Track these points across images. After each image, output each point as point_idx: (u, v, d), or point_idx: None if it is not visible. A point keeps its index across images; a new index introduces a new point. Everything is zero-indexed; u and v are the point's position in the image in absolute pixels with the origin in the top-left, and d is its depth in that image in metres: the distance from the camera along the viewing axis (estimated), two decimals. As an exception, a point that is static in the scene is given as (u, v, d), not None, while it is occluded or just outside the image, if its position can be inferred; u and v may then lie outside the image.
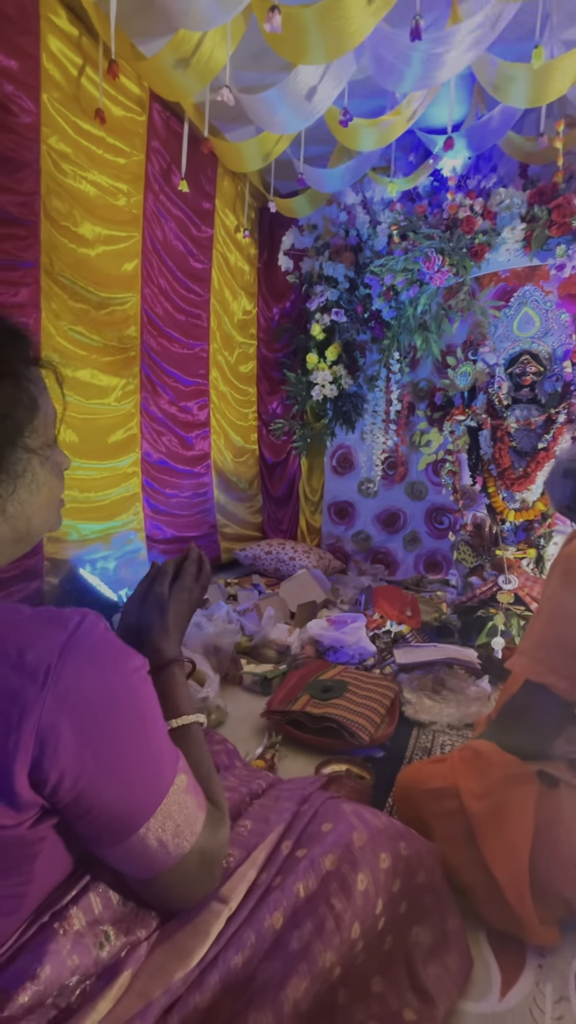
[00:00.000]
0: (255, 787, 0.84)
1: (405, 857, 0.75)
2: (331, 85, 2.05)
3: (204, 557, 0.78)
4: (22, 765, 0.42)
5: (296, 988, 0.57)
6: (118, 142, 2.20)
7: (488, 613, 1.91)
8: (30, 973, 0.46)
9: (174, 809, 0.51)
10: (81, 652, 0.45)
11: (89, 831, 0.48)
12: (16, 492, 0.50)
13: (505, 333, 2.23)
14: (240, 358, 3.37)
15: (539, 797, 0.87)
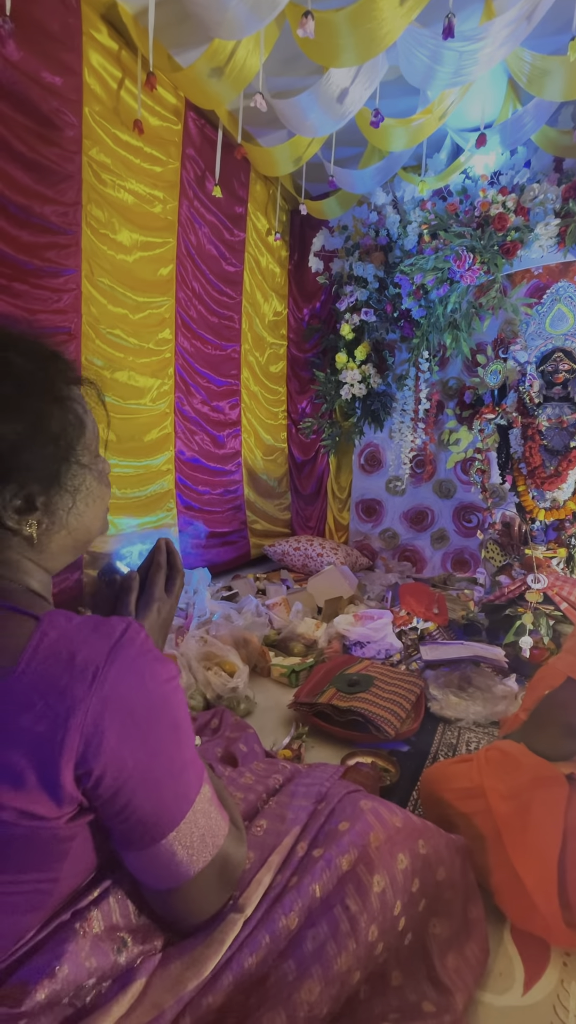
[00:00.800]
0: (272, 783, 0.85)
1: (424, 856, 0.75)
2: (362, 86, 2.07)
3: (174, 552, 0.69)
4: (68, 759, 0.44)
5: (311, 991, 0.57)
6: (155, 151, 2.28)
7: (516, 612, 1.90)
8: (48, 971, 0.47)
9: (200, 818, 0.53)
10: (125, 657, 0.48)
11: (122, 830, 0.50)
12: (75, 506, 0.55)
13: (537, 330, 2.20)
14: (271, 358, 3.43)
15: (568, 800, 0.86)
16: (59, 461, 0.53)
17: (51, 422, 0.52)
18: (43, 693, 0.44)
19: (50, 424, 0.52)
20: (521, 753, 0.94)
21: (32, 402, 0.50)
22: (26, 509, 0.52)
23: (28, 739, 0.44)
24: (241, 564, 3.23)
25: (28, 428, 0.50)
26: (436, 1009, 0.68)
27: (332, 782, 0.84)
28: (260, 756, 1.04)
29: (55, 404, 0.52)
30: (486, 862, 0.89)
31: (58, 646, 0.47)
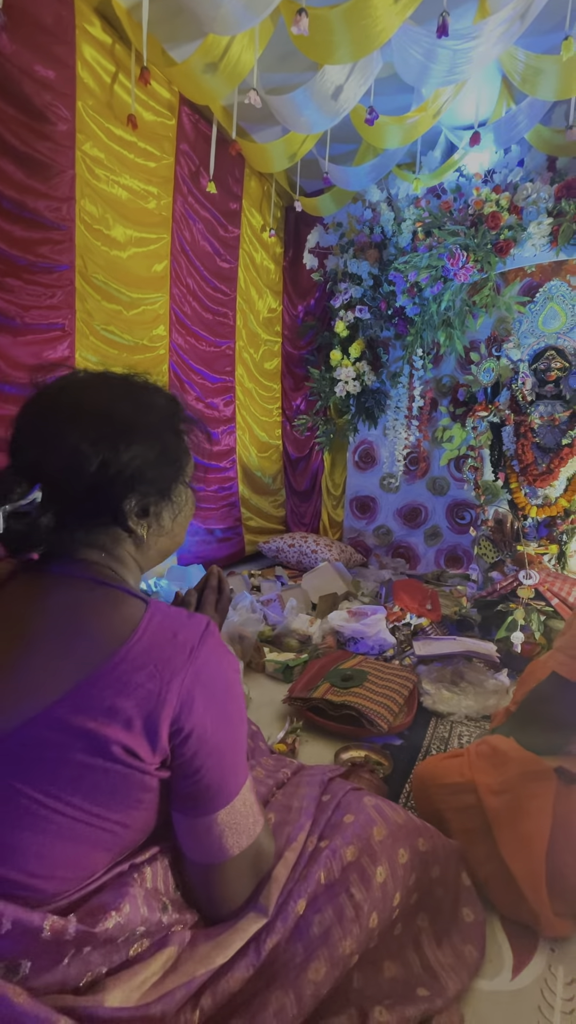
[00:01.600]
0: (280, 776, 0.89)
1: (423, 853, 0.78)
2: (357, 83, 2.07)
3: (223, 579, 0.83)
4: (167, 714, 0.54)
5: (317, 972, 0.61)
6: (149, 146, 2.27)
7: (508, 608, 1.92)
8: (115, 904, 0.54)
9: (247, 803, 0.61)
10: (212, 642, 0.59)
11: (189, 792, 0.58)
12: (178, 516, 0.69)
13: (530, 329, 2.22)
14: (265, 355, 3.43)
15: (557, 794, 0.88)
16: (173, 479, 0.66)
17: (174, 449, 0.66)
18: (153, 658, 0.55)
19: (173, 450, 0.65)
20: (510, 748, 0.96)
21: (164, 433, 0.64)
22: (142, 515, 0.64)
23: (140, 692, 0.53)
24: (236, 561, 3.23)
25: (159, 452, 0.62)
26: (429, 994, 0.71)
27: (334, 772, 0.89)
28: (266, 753, 1.06)
29: (177, 436, 0.67)
30: (477, 855, 0.91)
31: (164, 624, 0.58)
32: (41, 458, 0.57)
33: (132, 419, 0.61)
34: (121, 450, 0.59)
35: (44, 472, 0.57)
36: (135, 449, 0.60)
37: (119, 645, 0.55)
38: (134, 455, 0.60)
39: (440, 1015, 0.70)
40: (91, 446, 0.57)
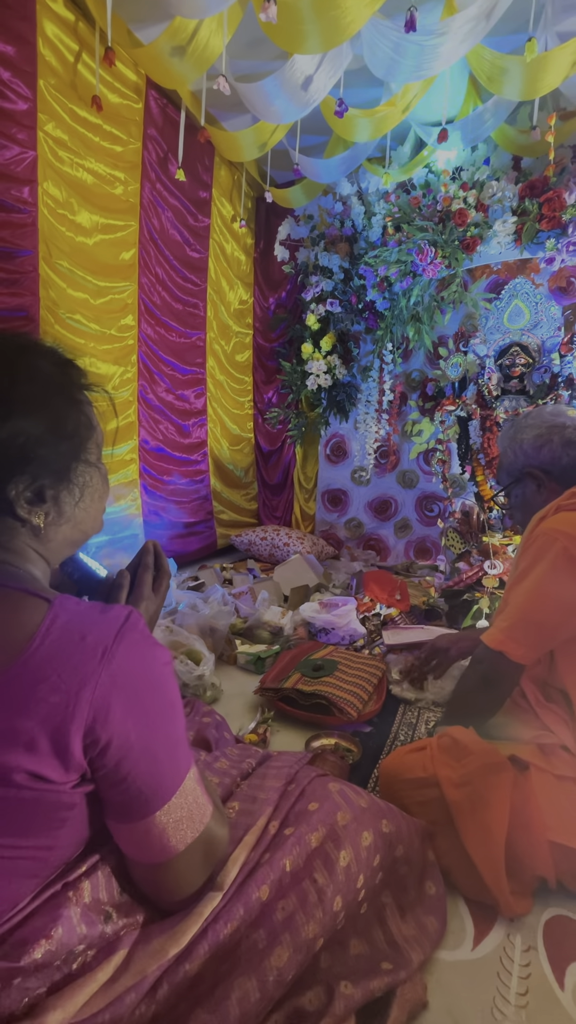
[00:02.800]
0: (245, 767, 0.89)
1: (386, 834, 0.80)
2: (327, 75, 2.07)
3: (161, 554, 0.74)
4: (78, 727, 0.48)
5: (280, 957, 0.61)
6: (115, 129, 2.21)
7: (474, 597, 1.98)
8: (45, 932, 0.51)
9: (189, 796, 0.57)
10: (130, 640, 0.53)
11: (119, 801, 0.54)
12: (81, 500, 0.60)
13: (496, 325, 2.28)
14: (236, 347, 3.40)
15: (513, 782, 0.92)
16: (70, 458, 0.57)
17: (67, 422, 0.57)
18: (57, 667, 0.49)
19: (66, 424, 0.56)
20: (471, 740, 0.99)
21: (52, 403, 0.55)
22: (36, 500, 0.56)
23: (43, 708, 0.47)
24: (208, 554, 3.22)
25: (47, 426, 0.54)
26: (393, 967, 0.73)
27: (300, 765, 0.89)
28: (231, 742, 1.07)
29: (71, 406, 0.57)
30: (440, 846, 0.94)
31: (70, 626, 0.51)
32: None
33: (5, 389, 0.53)
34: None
35: None
36: (14, 424, 0.52)
37: (13, 658, 0.48)
38: (14, 431, 0.52)
39: (404, 985, 0.73)
40: None
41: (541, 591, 0.94)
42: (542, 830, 0.89)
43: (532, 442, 1.08)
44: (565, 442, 1.05)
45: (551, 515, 0.98)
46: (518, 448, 1.10)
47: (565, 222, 2.34)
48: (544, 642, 0.96)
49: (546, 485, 1.07)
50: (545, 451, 1.07)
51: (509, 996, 0.78)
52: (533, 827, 0.89)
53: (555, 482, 1.06)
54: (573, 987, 0.79)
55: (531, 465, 1.09)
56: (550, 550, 0.93)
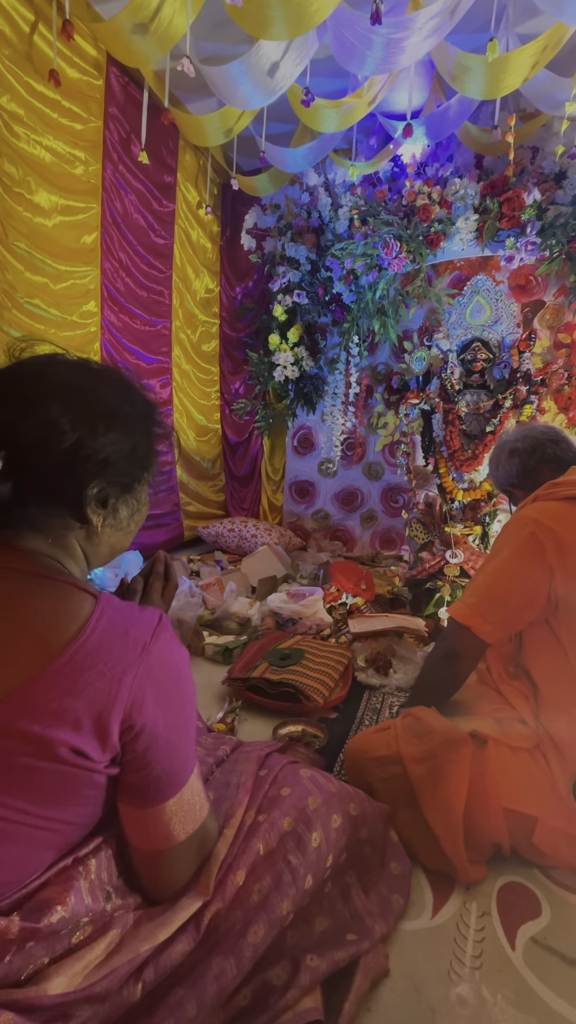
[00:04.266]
0: (220, 754, 0.92)
1: (353, 817, 0.84)
2: (293, 62, 2.05)
3: (171, 564, 0.81)
4: (118, 712, 0.54)
5: (256, 935, 0.65)
6: (74, 106, 2.13)
7: (436, 585, 2.04)
8: (61, 899, 0.55)
9: (194, 790, 0.63)
10: (164, 638, 0.59)
11: (140, 784, 0.58)
12: (135, 514, 0.69)
13: (458, 320, 2.33)
14: (203, 337, 3.36)
15: (473, 757, 0.97)
16: (136, 478, 0.66)
17: (143, 448, 0.65)
18: (104, 657, 0.54)
19: (143, 448, 0.65)
20: (432, 718, 1.04)
21: (140, 429, 0.65)
22: (101, 505, 0.62)
23: (90, 692, 0.52)
24: (174, 546, 3.19)
25: (131, 446, 0.62)
26: (357, 938, 0.76)
27: (271, 748, 0.92)
28: (204, 731, 1.08)
29: (150, 436, 0.67)
30: (403, 819, 0.99)
31: (115, 620, 0.57)
32: (15, 423, 0.55)
33: (116, 407, 0.61)
34: (99, 433, 0.58)
35: (15, 439, 0.55)
36: (112, 436, 0.59)
37: (66, 644, 0.53)
38: (110, 442, 0.59)
39: (367, 955, 0.76)
40: (70, 422, 0.56)
41: (507, 571, 1.00)
42: (498, 799, 0.94)
43: (494, 467, 1.27)
44: (508, 454, 1.20)
45: (530, 504, 1.06)
46: (503, 471, 1.25)
47: (524, 222, 2.41)
48: (508, 622, 1.01)
49: (517, 495, 1.22)
50: (501, 470, 1.23)
51: (465, 959, 0.83)
52: (489, 797, 0.94)
53: (521, 489, 1.20)
54: (523, 947, 0.85)
55: (502, 485, 1.25)
56: (520, 534, 0.99)
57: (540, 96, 2.22)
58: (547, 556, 0.95)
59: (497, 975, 0.80)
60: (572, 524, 0.96)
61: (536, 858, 0.98)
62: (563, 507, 0.99)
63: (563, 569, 0.94)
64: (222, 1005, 0.61)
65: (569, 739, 0.95)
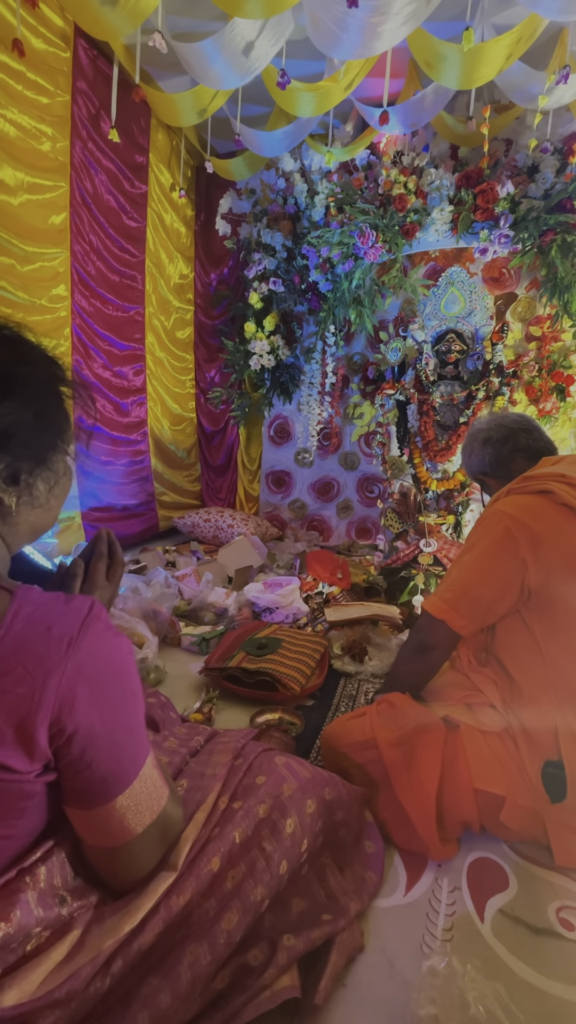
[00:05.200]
0: (194, 744, 0.91)
1: (328, 801, 0.85)
2: (269, 42, 2.01)
3: (115, 542, 0.74)
4: (44, 717, 0.49)
5: (230, 921, 0.65)
6: (40, 79, 2.04)
7: (410, 574, 2.08)
8: (5, 916, 0.52)
9: (147, 780, 0.59)
10: (95, 631, 0.53)
11: (81, 788, 0.55)
12: (56, 487, 0.61)
13: (433, 311, 2.35)
14: (177, 323, 3.30)
15: (445, 741, 1.00)
16: (49, 446, 0.59)
17: (51, 411, 0.58)
18: (22, 659, 0.49)
19: (50, 413, 0.58)
20: (406, 704, 1.07)
21: (42, 391, 0.57)
22: (11, 482, 0.56)
23: (9, 700, 0.48)
24: (149, 537, 3.15)
25: (35, 412, 0.55)
26: (333, 917, 0.78)
27: (247, 740, 0.92)
28: (178, 722, 1.08)
29: (56, 397, 0.59)
30: (378, 801, 1.01)
31: (34, 617, 0.51)
32: None
33: (9, 369, 0.54)
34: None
35: None
36: (10, 404, 0.53)
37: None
38: (8, 411, 0.53)
39: (343, 933, 0.78)
40: None
41: (482, 566, 1.01)
42: (469, 780, 0.97)
43: (467, 456, 1.26)
44: (482, 443, 1.21)
45: (503, 497, 1.07)
46: (476, 459, 1.25)
47: (497, 214, 2.43)
48: (482, 615, 1.04)
49: (490, 484, 1.23)
50: (475, 459, 1.23)
51: (436, 932, 0.86)
52: (460, 778, 0.98)
53: (494, 478, 1.21)
54: (491, 919, 0.89)
55: (475, 473, 1.26)
56: (495, 529, 1.01)
57: (514, 88, 2.23)
58: (520, 550, 0.97)
59: (467, 946, 0.84)
60: (545, 519, 0.98)
61: (503, 834, 1.02)
62: (536, 501, 1.01)
63: (536, 563, 0.96)
64: (197, 993, 0.61)
65: (540, 726, 0.98)
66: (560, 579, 0.96)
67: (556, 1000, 0.76)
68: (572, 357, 2.52)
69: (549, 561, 0.96)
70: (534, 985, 0.78)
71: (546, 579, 0.96)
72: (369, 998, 0.75)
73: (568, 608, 0.97)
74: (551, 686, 0.98)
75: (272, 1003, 0.65)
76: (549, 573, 0.96)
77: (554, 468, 1.06)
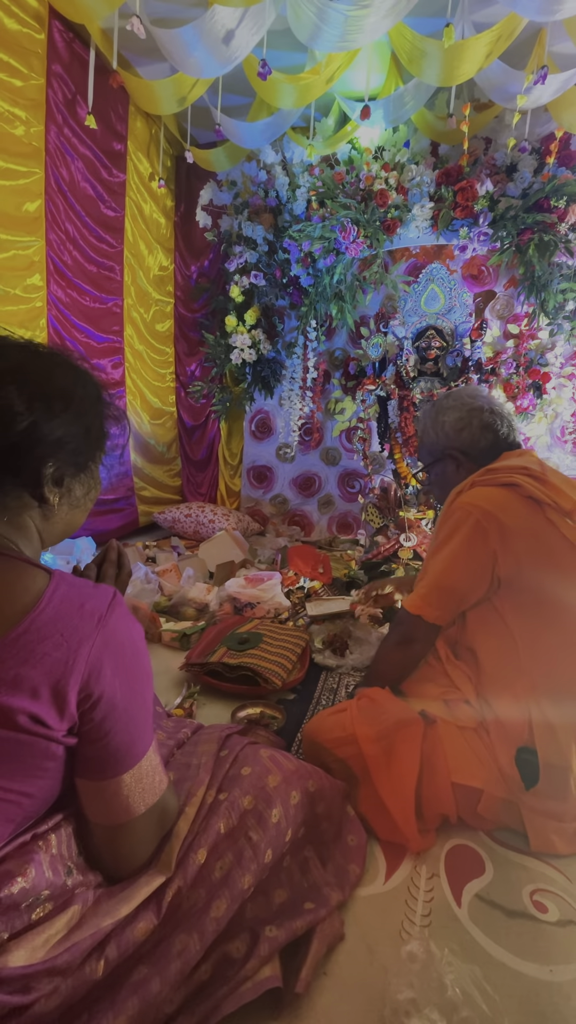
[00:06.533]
0: (181, 736, 0.93)
1: (311, 793, 0.87)
2: (249, 31, 1.99)
3: (124, 553, 0.84)
4: (75, 681, 0.56)
5: (218, 909, 0.67)
6: (13, 60, 1.99)
7: (391, 568, 2.10)
8: (21, 871, 0.57)
9: (151, 763, 0.65)
10: (119, 612, 0.61)
11: (97, 756, 0.61)
12: (90, 492, 0.71)
13: (413, 308, 2.37)
14: (156, 316, 3.25)
15: (423, 735, 1.01)
16: (89, 457, 0.69)
17: (96, 429, 0.68)
18: (60, 628, 0.56)
19: (95, 429, 0.68)
20: (386, 699, 1.08)
21: (93, 410, 0.67)
22: (56, 483, 0.64)
23: (47, 661, 0.55)
24: (129, 532, 3.12)
25: (85, 428, 0.65)
26: (315, 906, 0.79)
27: (232, 729, 0.94)
28: (164, 716, 1.08)
29: (101, 417, 0.70)
30: (358, 796, 1.02)
31: (70, 594, 0.59)
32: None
33: (70, 388, 0.64)
34: (55, 414, 0.61)
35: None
36: (67, 417, 0.62)
37: (22, 615, 0.55)
38: (64, 422, 0.62)
39: (323, 922, 0.79)
40: (26, 404, 0.58)
41: (456, 560, 1.03)
42: (446, 774, 0.99)
43: (453, 424, 1.13)
44: (483, 426, 1.12)
45: (467, 490, 1.07)
46: (439, 430, 1.15)
47: (477, 212, 2.45)
48: (456, 605, 1.06)
49: (464, 465, 1.15)
50: (465, 434, 1.12)
51: (415, 918, 0.87)
52: (438, 772, 0.99)
53: (472, 462, 1.14)
54: (468, 903, 0.91)
55: (451, 447, 1.14)
56: (466, 522, 1.02)
57: (493, 87, 2.25)
58: (491, 543, 0.99)
59: (444, 931, 0.85)
60: (513, 511, 1.00)
61: (479, 824, 1.04)
62: (503, 493, 1.02)
63: (505, 555, 0.98)
64: (184, 981, 0.62)
65: (511, 712, 1.00)
66: (529, 570, 0.98)
67: (531, 980, 0.78)
68: (548, 355, 2.57)
69: (518, 553, 0.98)
70: (509, 967, 0.80)
71: (516, 570, 0.99)
72: (350, 985, 0.76)
73: (538, 597, 0.99)
74: (524, 670, 1.00)
75: (254, 993, 0.66)
76: (519, 564, 0.98)
77: (517, 461, 1.07)
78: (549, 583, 0.98)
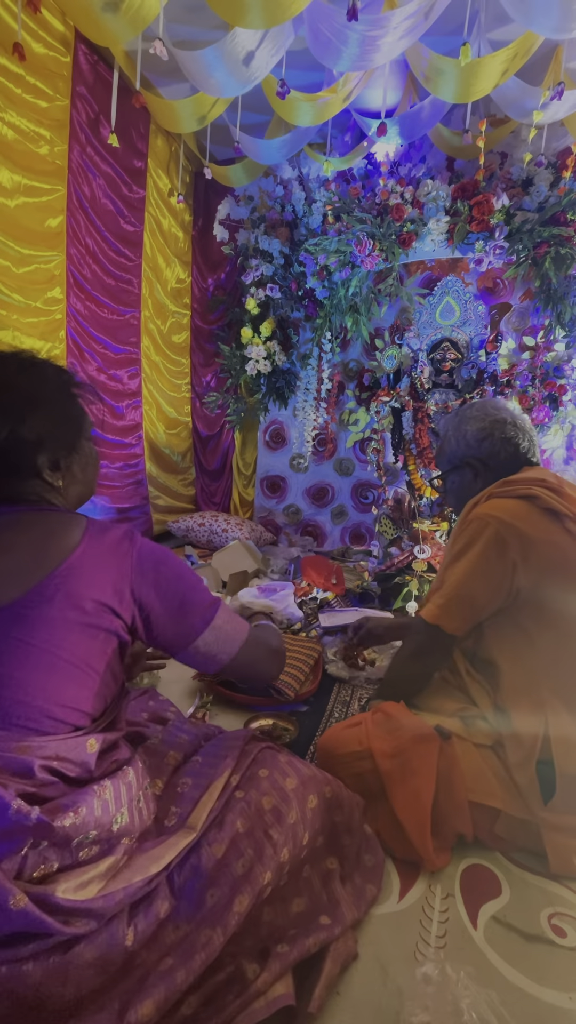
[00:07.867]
0: (209, 731, 0.99)
1: (328, 799, 0.87)
2: (269, 52, 2.03)
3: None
4: (126, 582, 0.73)
5: (241, 904, 0.69)
6: (40, 83, 2.05)
7: (404, 580, 2.09)
8: (74, 806, 0.63)
9: (225, 620, 0.83)
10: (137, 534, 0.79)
11: (163, 640, 0.79)
12: (87, 467, 0.83)
13: (428, 320, 2.38)
14: (173, 328, 3.30)
15: (440, 751, 1.00)
16: (74, 435, 0.79)
17: (70, 409, 0.79)
18: (108, 546, 0.74)
19: (70, 412, 0.79)
20: (401, 714, 1.07)
21: (60, 398, 0.77)
22: (54, 468, 0.77)
23: (112, 572, 0.72)
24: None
25: (58, 416, 0.75)
26: (331, 922, 0.79)
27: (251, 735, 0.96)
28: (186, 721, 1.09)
29: (71, 398, 0.79)
30: (373, 812, 1.01)
31: (104, 526, 0.76)
32: None
33: (33, 392, 0.72)
34: (27, 419, 0.70)
35: None
36: (40, 415, 0.72)
37: (80, 539, 0.72)
38: (39, 422, 0.71)
39: (337, 941, 0.78)
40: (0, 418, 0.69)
41: (474, 571, 1.02)
42: (463, 792, 0.98)
43: (476, 434, 1.14)
44: (505, 438, 1.12)
45: (484, 501, 1.06)
46: (461, 438, 1.15)
47: (492, 226, 2.46)
48: (474, 616, 1.05)
49: (482, 475, 1.15)
50: (486, 444, 1.13)
51: (430, 939, 0.86)
52: (455, 790, 0.98)
53: (490, 473, 1.14)
54: (484, 925, 0.89)
55: (471, 456, 1.15)
56: (483, 533, 1.01)
57: (509, 103, 2.27)
58: (510, 552, 0.98)
59: (460, 953, 0.84)
60: (532, 523, 1.00)
61: (496, 844, 1.03)
62: (521, 505, 1.02)
63: (525, 566, 0.98)
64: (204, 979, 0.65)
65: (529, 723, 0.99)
66: (549, 581, 0.98)
67: (549, 1007, 0.76)
68: (565, 367, 2.56)
69: (539, 564, 0.97)
70: (527, 992, 0.78)
71: (535, 581, 0.98)
72: (363, 1006, 0.75)
73: (559, 607, 0.98)
74: (543, 680, 0.99)
75: (267, 1011, 0.65)
76: (539, 575, 0.98)
77: (534, 474, 1.07)
78: (568, 594, 0.98)
